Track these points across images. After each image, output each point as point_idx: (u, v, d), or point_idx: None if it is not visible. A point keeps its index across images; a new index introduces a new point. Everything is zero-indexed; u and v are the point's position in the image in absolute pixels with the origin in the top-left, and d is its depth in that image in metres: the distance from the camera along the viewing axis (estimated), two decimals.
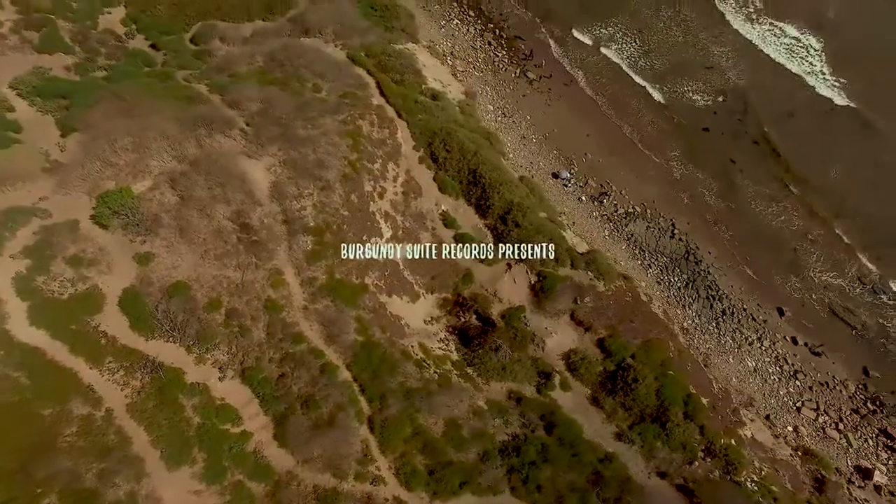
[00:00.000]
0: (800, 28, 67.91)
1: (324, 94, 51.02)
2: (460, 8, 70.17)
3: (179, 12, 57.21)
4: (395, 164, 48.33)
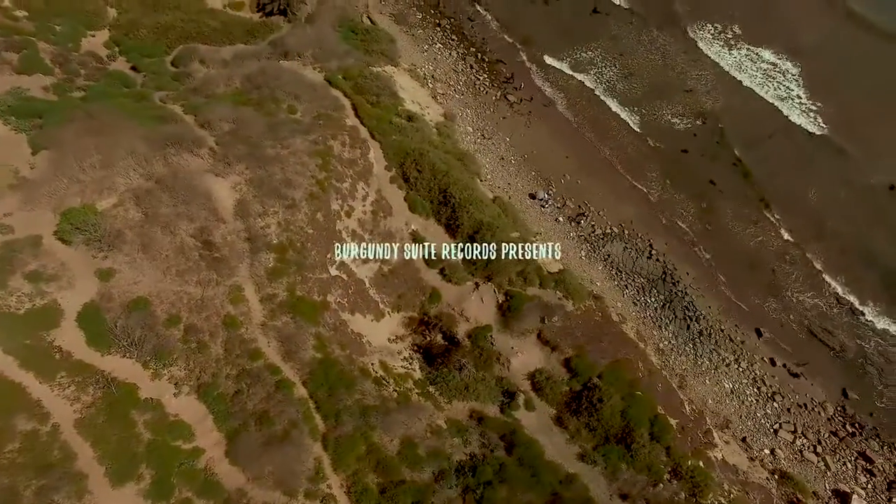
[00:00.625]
0: (777, 53, 67.75)
1: (298, 115, 51.11)
2: (443, 33, 70.53)
3: (162, 36, 57.72)
4: (365, 184, 48.22)
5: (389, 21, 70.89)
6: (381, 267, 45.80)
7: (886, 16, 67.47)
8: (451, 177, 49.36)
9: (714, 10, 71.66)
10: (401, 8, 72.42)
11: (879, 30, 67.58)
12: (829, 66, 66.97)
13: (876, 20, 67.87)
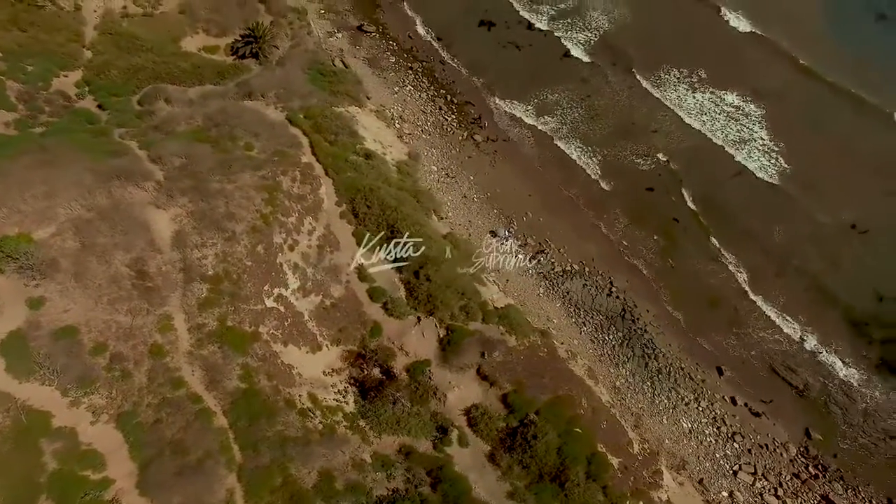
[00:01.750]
0: (741, 96, 67.68)
1: (255, 152, 51.45)
2: (415, 75, 71.26)
3: (132, 76, 58.61)
4: (313, 219, 48.10)
5: (362, 64, 71.71)
6: (324, 300, 45.18)
7: (836, 75, 68.15)
8: (399, 212, 49.09)
9: (681, 55, 71.73)
10: (374, 52, 73.36)
11: (830, 83, 67.95)
12: (791, 109, 66.87)
13: (824, 74, 68.56)
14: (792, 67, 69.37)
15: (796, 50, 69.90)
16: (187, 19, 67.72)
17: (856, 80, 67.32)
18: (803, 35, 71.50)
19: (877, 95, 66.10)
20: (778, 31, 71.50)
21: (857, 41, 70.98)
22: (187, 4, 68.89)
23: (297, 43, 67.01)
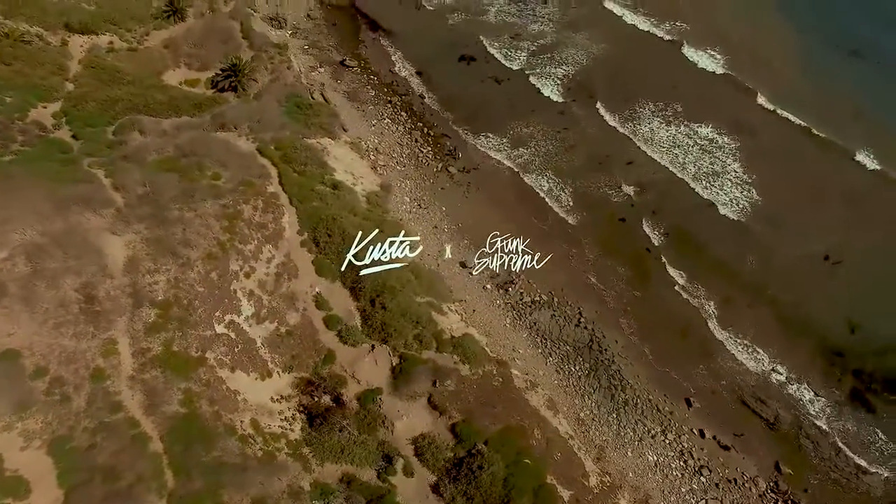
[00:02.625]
0: (715, 129, 67.50)
1: (221, 182, 51.59)
2: (393, 109, 71.66)
3: (109, 108, 59.24)
4: (273, 247, 47.98)
5: (342, 98, 72.24)
6: (278, 327, 44.76)
7: (804, 113, 68.86)
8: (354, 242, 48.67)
9: (656, 91, 71.90)
10: (355, 86, 73.96)
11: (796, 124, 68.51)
12: (763, 143, 67.02)
13: (793, 113, 69.26)
14: (761, 107, 69.79)
15: (766, 89, 70.07)
16: (170, 54, 68.75)
17: (822, 119, 67.72)
18: (774, 73, 71.61)
19: (841, 133, 66.71)
20: (749, 71, 71.56)
21: (828, 78, 70.99)
22: (172, 40, 70.01)
23: (277, 77, 67.54)
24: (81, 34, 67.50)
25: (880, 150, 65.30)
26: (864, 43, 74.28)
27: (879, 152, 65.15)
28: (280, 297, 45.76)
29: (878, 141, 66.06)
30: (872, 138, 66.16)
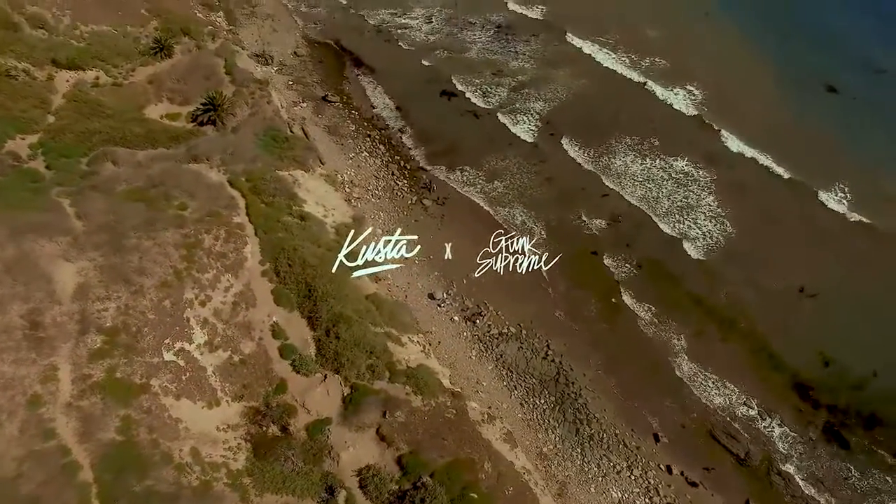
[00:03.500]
0: (691, 162, 66.86)
1: (187, 212, 51.27)
2: (372, 142, 71.70)
3: (86, 140, 59.41)
4: (232, 276, 47.31)
5: (322, 132, 72.48)
6: (232, 356, 43.85)
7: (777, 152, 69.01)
8: (319, 271, 48.08)
9: (636, 124, 71.53)
10: (336, 121, 74.21)
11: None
12: (737, 178, 66.77)
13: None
14: (734, 146, 70.15)
15: (739, 128, 70.33)
16: (154, 89, 69.12)
17: (795, 157, 67.80)
18: (749, 111, 71.25)
19: (815, 171, 66.85)
20: (723, 109, 71.23)
21: (803, 115, 70.67)
22: (156, 76, 70.48)
23: (256, 111, 67.68)
24: (68, 70, 67.93)
25: (855, 186, 64.40)
26: (841, 78, 73.62)
27: (854, 188, 64.19)
28: (235, 325, 44.85)
29: (852, 178, 65.34)
30: (846, 176, 65.33)
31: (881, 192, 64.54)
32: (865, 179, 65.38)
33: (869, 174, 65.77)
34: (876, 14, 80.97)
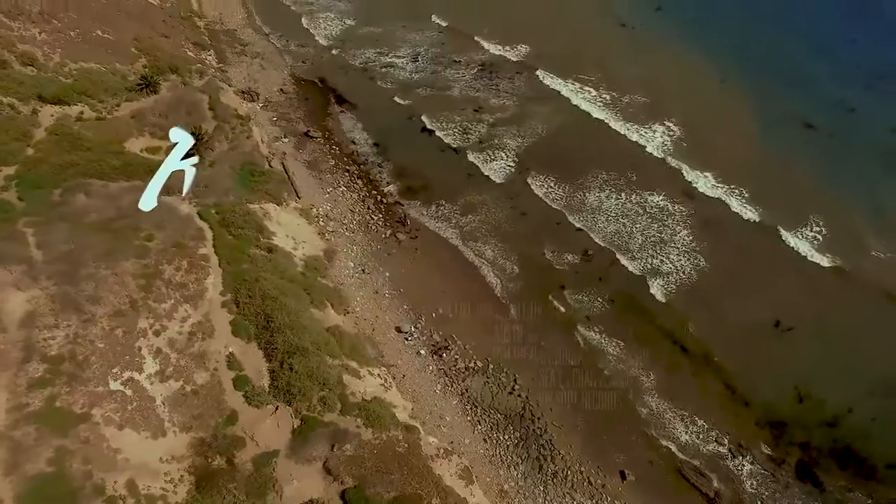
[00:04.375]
0: (666, 197, 66.04)
1: (153, 243, 50.83)
2: (350, 177, 71.39)
3: (62, 172, 59.11)
4: (192, 307, 46.43)
5: (302, 166, 72.23)
6: (184, 386, 42.67)
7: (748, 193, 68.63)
8: (278, 302, 47.21)
9: (611, 160, 70.92)
10: (316, 156, 73.99)
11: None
12: (710, 216, 65.92)
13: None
14: (707, 185, 69.60)
15: (711, 167, 69.91)
16: (136, 123, 69.16)
17: (767, 197, 67.25)
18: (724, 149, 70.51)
19: (787, 209, 65.90)
20: (700, 147, 70.48)
21: (778, 153, 69.93)
22: (139, 111, 70.61)
23: (235, 146, 67.59)
24: (53, 104, 68.03)
25: (829, 223, 63.53)
26: (818, 115, 72.95)
27: (828, 225, 63.28)
28: (190, 356, 43.80)
29: (826, 215, 64.60)
30: (820, 212, 64.41)
31: (853, 230, 63.30)
32: (839, 217, 64.24)
33: (843, 212, 64.62)
34: (852, 54, 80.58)
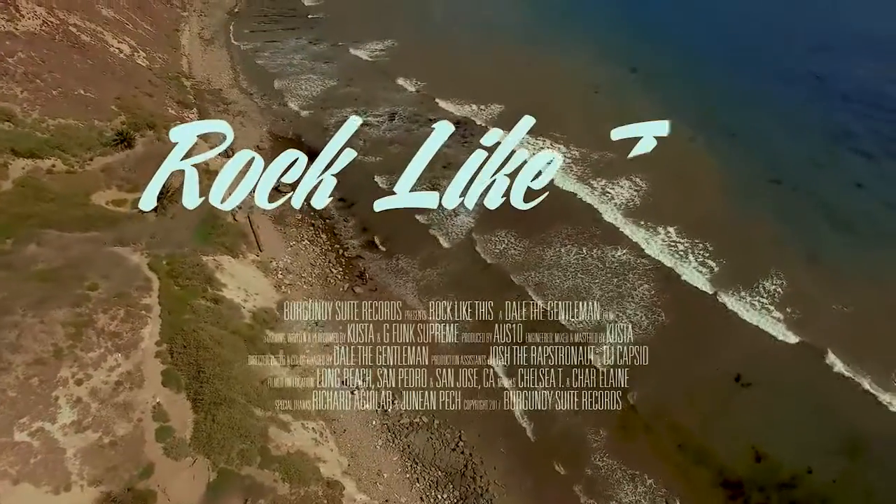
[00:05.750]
0: (629, 252, 64.49)
1: (96, 292, 49.73)
2: (315, 231, 70.53)
3: (21, 222, 58.73)
4: (123, 356, 45.01)
5: (268, 220, 71.53)
6: (102, 437, 40.78)
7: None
8: (212, 353, 45.70)
9: (574, 217, 69.88)
10: (283, 210, 73.14)
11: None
12: (671, 266, 63.32)
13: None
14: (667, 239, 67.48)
15: (676, 220, 68.18)
16: (105, 176, 69.33)
17: (730, 251, 65.56)
18: (689, 203, 69.36)
19: (746, 265, 64.18)
20: (664, 201, 69.48)
21: (748, 208, 68.39)
22: (110, 165, 70.87)
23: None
24: (26, 158, 68.27)
25: (789, 279, 61.41)
26: (783, 171, 71.87)
27: (788, 281, 61.18)
28: (114, 406, 42.04)
29: (786, 271, 62.29)
30: (780, 267, 62.35)
31: (812, 287, 61.18)
32: (799, 273, 62.16)
33: (803, 268, 62.61)
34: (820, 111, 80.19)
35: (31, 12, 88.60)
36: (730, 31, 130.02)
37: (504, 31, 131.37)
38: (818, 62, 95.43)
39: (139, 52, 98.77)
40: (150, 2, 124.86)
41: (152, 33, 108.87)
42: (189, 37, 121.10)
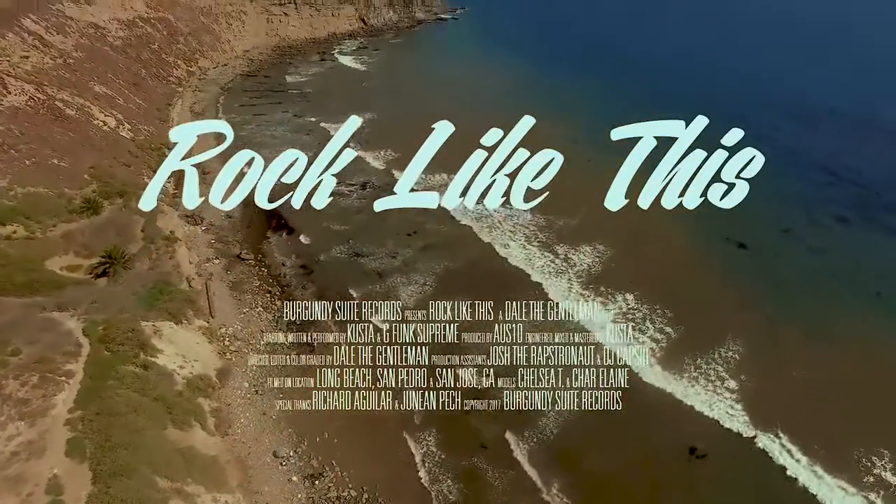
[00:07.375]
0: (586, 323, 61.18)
1: (16, 358, 47.52)
2: (270, 298, 68.38)
3: None
4: (27, 424, 42.13)
5: (225, 287, 69.81)
6: None
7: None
8: (124, 420, 42.76)
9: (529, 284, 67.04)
10: (242, 277, 71.78)
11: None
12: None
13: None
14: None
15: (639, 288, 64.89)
16: (64, 243, 68.19)
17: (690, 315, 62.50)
18: (653, 270, 66.66)
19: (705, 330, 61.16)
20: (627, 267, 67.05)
21: (712, 272, 65.59)
22: (71, 231, 69.91)
23: (155, 266, 65.83)
24: None
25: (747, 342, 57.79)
26: (750, 236, 69.15)
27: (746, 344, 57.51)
28: (3, 478, 38.87)
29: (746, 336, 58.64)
30: (739, 333, 58.87)
31: (774, 350, 57.54)
32: (763, 335, 58.63)
33: (766, 331, 59.05)
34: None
35: (19, 89, 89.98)
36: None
37: (484, 105, 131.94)
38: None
39: (125, 124, 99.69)
40: (148, 78, 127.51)
41: (143, 107, 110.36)
42: (180, 110, 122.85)
